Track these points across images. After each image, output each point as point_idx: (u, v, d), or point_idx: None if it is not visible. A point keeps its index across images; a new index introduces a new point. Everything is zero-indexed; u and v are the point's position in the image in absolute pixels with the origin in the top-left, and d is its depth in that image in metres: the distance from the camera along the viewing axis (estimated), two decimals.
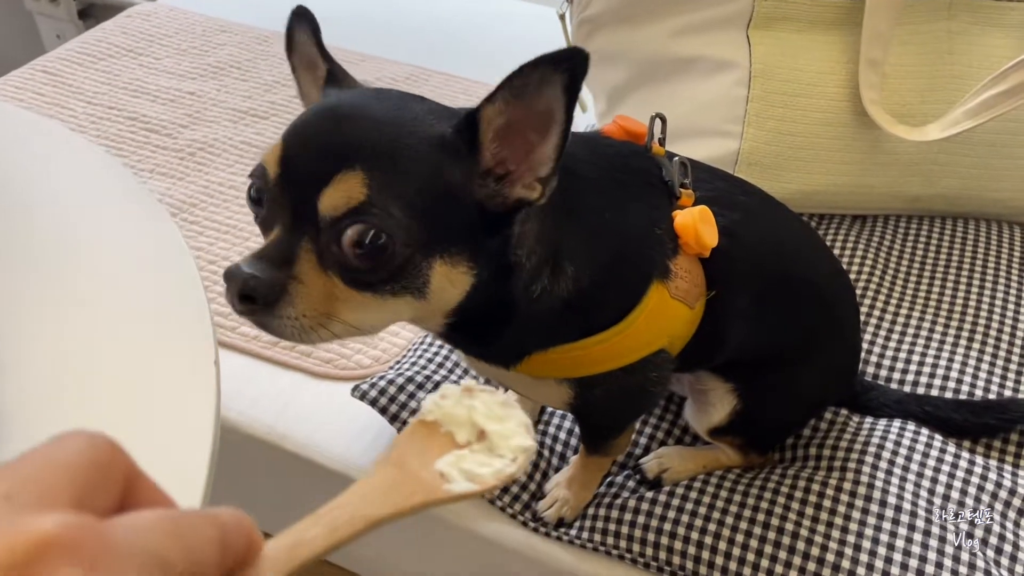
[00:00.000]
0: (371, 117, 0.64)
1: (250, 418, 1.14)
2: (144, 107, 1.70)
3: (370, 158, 0.61)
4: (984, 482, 0.99)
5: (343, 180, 0.60)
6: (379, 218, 0.60)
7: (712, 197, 0.85)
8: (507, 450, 0.42)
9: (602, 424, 0.94)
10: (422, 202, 0.62)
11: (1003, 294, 1.24)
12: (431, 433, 0.42)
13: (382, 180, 0.61)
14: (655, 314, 0.80)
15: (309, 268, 0.61)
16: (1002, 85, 1.13)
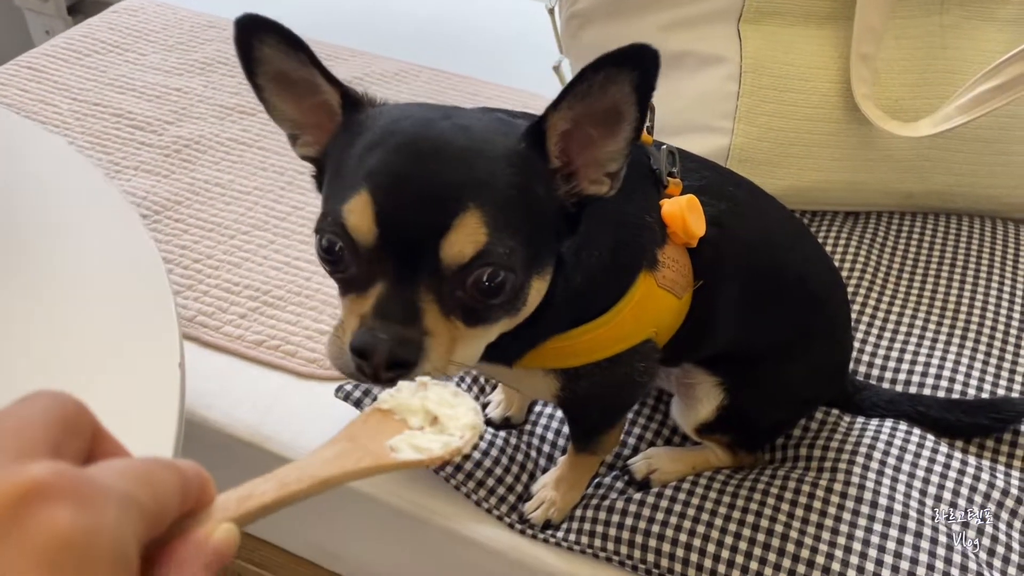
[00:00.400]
0: (456, 147, 0.61)
1: (234, 419, 1.13)
2: (130, 103, 1.68)
3: (478, 194, 0.59)
4: (976, 482, 0.98)
5: (463, 225, 0.58)
6: (504, 257, 0.60)
7: (701, 187, 0.84)
8: (456, 430, 0.44)
9: (590, 417, 0.92)
10: (526, 225, 0.62)
11: (996, 292, 1.23)
12: (385, 418, 0.44)
13: (494, 215, 0.59)
14: (642, 304, 0.79)
15: (435, 318, 0.60)
16: (994, 80, 1.12)
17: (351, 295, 0.62)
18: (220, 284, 1.30)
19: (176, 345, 0.64)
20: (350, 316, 0.61)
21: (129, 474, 0.30)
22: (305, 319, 1.25)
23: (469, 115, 0.66)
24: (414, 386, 0.46)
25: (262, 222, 1.42)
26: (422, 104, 0.68)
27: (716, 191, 0.86)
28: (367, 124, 0.64)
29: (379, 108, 0.67)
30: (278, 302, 1.28)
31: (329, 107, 0.67)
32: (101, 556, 0.27)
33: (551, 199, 0.65)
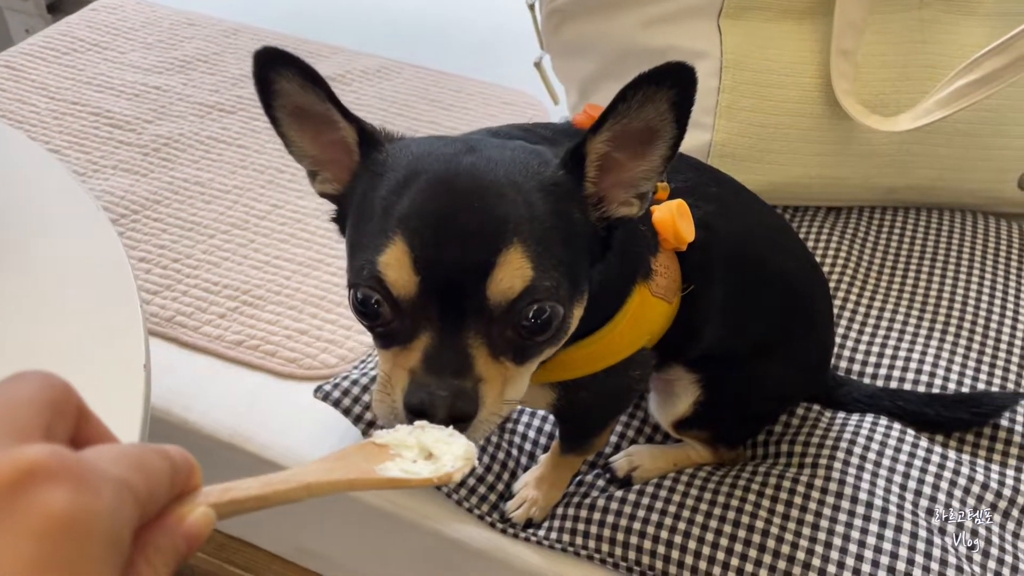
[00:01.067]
0: (489, 181, 0.59)
1: (212, 420, 1.12)
2: (108, 102, 1.66)
3: (519, 228, 0.57)
4: (956, 477, 0.98)
5: (508, 262, 0.56)
6: (551, 291, 0.58)
7: (687, 188, 0.84)
8: (450, 460, 0.45)
9: (584, 423, 0.92)
10: (567, 255, 0.61)
11: (977, 286, 1.23)
12: (380, 450, 0.45)
13: (537, 248, 0.57)
14: (638, 315, 0.78)
15: (486, 363, 0.58)
16: (974, 74, 1.12)
17: (394, 348, 0.60)
18: (199, 284, 1.29)
19: (142, 347, 0.63)
20: (397, 370, 0.59)
21: (123, 460, 0.31)
22: (285, 319, 1.24)
23: (493, 146, 0.64)
24: (410, 428, 0.47)
25: (242, 221, 1.41)
26: (441, 138, 0.66)
27: (701, 192, 0.86)
28: (389, 163, 0.62)
29: (398, 144, 0.65)
30: (258, 301, 1.27)
31: (347, 144, 0.65)
32: (96, 536, 0.27)
33: (586, 225, 0.64)
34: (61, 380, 0.32)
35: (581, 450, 0.96)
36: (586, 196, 0.64)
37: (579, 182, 0.63)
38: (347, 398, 1.03)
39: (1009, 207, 1.38)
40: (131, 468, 0.31)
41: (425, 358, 0.57)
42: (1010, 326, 1.17)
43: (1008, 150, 1.30)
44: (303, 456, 1.08)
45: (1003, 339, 1.15)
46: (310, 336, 1.22)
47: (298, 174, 1.51)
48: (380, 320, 0.60)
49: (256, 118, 1.64)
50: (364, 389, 1.04)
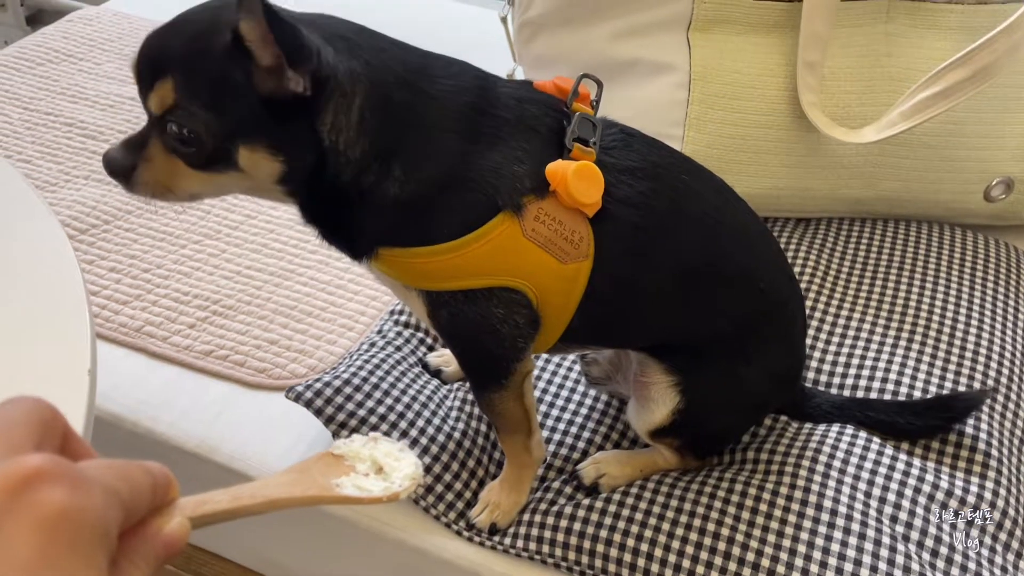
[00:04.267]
0: (184, 32, 0.78)
1: (180, 430, 1.11)
2: (82, 112, 1.66)
3: (178, 68, 0.76)
4: (921, 484, 0.99)
5: (159, 88, 0.76)
6: (186, 116, 0.76)
7: (630, 168, 0.86)
8: (398, 479, 0.50)
9: (467, 360, 0.94)
10: (217, 100, 0.76)
11: (943, 295, 1.24)
12: (336, 461, 0.50)
13: (186, 85, 0.75)
14: (499, 246, 0.81)
15: (157, 151, 0.79)
16: (936, 87, 1.14)
17: None
18: (169, 294, 1.29)
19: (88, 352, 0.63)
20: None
21: (111, 470, 0.35)
22: (255, 328, 1.24)
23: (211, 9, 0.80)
24: (366, 439, 0.52)
25: (214, 231, 1.40)
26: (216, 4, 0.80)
27: (651, 173, 0.88)
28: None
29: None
30: (228, 311, 1.26)
31: None
32: (90, 530, 0.32)
33: (251, 88, 0.75)
34: (47, 403, 0.37)
35: (498, 421, 0.97)
36: (260, 64, 0.75)
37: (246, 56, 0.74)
38: (319, 399, 1.03)
39: (977, 219, 1.39)
40: (118, 477, 0.35)
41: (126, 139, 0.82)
42: (975, 333, 1.18)
43: (972, 162, 1.32)
44: (271, 465, 1.07)
45: (968, 346, 1.16)
46: (280, 346, 1.22)
47: None
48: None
49: None
50: (337, 391, 1.04)
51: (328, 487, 0.48)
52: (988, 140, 1.31)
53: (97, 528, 0.32)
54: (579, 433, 1.09)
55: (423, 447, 1.02)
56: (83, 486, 0.32)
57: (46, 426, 0.36)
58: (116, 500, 0.34)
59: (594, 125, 0.86)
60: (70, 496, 0.31)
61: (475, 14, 2.02)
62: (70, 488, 0.32)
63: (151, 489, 0.37)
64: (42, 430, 0.36)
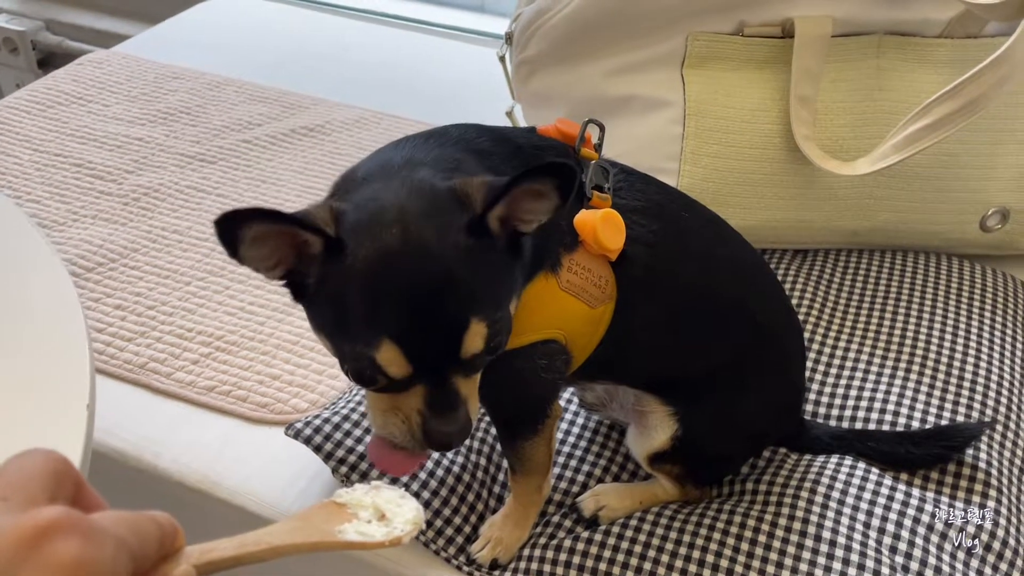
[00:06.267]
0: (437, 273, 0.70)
1: (182, 465, 1.12)
2: (91, 153, 1.69)
3: (471, 305, 0.71)
4: (920, 514, 0.99)
5: (472, 335, 0.71)
6: (500, 330, 0.73)
7: (639, 207, 0.88)
8: (400, 524, 0.51)
9: (506, 412, 0.94)
10: (500, 291, 0.74)
11: (940, 325, 1.25)
12: (339, 509, 0.52)
13: (485, 309, 0.71)
14: (539, 302, 0.82)
15: (465, 387, 0.74)
16: (926, 119, 1.15)
17: (389, 393, 0.74)
18: (173, 330, 1.30)
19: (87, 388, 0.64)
20: (405, 408, 0.74)
21: (122, 523, 0.37)
22: (258, 364, 1.25)
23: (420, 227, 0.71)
24: (367, 488, 0.53)
25: (218, 268, 1.42)
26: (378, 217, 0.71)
27: (655, 212, 0.90)
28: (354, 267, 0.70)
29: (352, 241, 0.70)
30: (231, 347, 1.28)
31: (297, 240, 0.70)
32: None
33: (500, 252, 0.74)
34: (60, 456, 0.38)
35: (523, 466, 0.96)
36: (495, 239, 0.73)
37: (489, 236, 0.72)
38: (319, 435, 1.04)
39: (974, 248, 1.40)
40: (128, 529, 0.37)
41: (428, 403, 0.73)
42: (973, 363, 1.18)
43: (966, 192, 1.33)
44: (272, 501, 1.08)
45: (967, 376, 1.17)
46: (282, 381, 1.23)
47: None
48: (376, 385, 0.74)
49: (236, 168, 1.67)
50: (336, 427, 1.05)
51: (331, 533, 0.49)
52: (981, 171, 1.33)
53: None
54: (578, 466, 1.09)
55: (422, 482, 1.03)
56: (96, 537, 0.34)
57: (59, 478, 0.38)
58: (126, 550, 0.36)
59: (605, 170, 0.88)
60: (84, 547, 0.33)
61: (476, 53, 2.07)
62: (84, 540, 0.33)
63: (159, 539, 0.39)
64: (56, 482, 0.37)
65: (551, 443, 0.97)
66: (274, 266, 0.71)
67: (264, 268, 0.71)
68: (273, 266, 0.71)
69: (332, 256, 0.70)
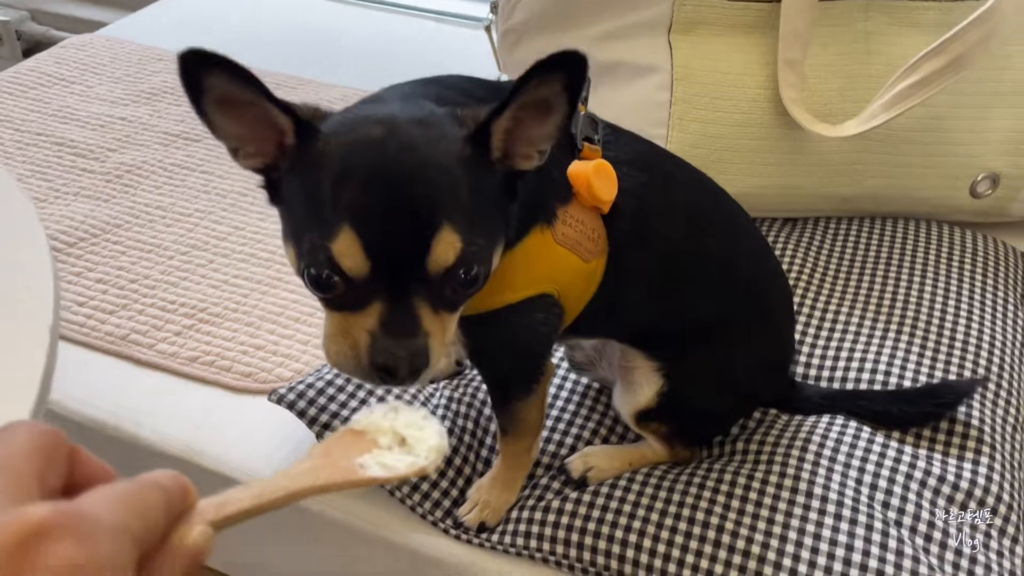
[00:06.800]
0: (417, 168, 0.66)
1: (164, 435, 1.10)
2: (73, 132, 1.67)
3: (446, 209, 0.65)
4: (912, 470, 0.97)
5: (441, 240, 0.65)
6: (477, 253, 0.67)
7: (627, 159, 0.87)
8: (423, 451, 0.48)
9: (502, 371, 0.91)
10: (484, 216, 0.69)
11: (931, 288, 1.24)
12: (357, 438, 0.48)
13: (461, 221, 0.66)
14: (535, 256, 0.80)
15: (429, 319, 0.68)
16: (914, 76, 1.14)
17: (345, 312, 0.68)
18: (156, 303, 1.28)
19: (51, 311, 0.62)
20: (356, 329, 0.67)
21: (118, 504, 0.33)
22: (242, 335, 1.23)
23: (409, 130, 0.68)
24: (386, 408, 0.50)
25: (202, 242, 1.41)
26: (366, 119, 0.69)
27: (642, 164, 0.88)
28: (326, 153, 0.66)
29: (331, 131, 0.68)
30: (215, 319, 1.26)
31: (272, 123, 0.67)
32: None
33: (495, 184, 0.71)
34: (48, 428, 0.35)
35: (515, 426, 0.95)
36: (493, 161, 0.70)
37: (486, 152, 0.70)
38: (302, 400, 1.02)
39: (965, 215, 1.39)
40: (126, 511, 0.34)
41: (381, 322, 0.66)
42: (964, 323, 1.17)
43: (954, 157, 1.32)
44: (257, 469, 1.06)
45: (958, 336, 1.16)
46: (266, 351, 1.21)
47: (259, 198, 1.51)
48: (333, 292, 0.67)
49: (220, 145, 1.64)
50: (320, 392, 1.03)
51: (352, 469, 0.46)
52: (971, 135, 1.32)
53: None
54: (567, 429, 1.08)
55: None
56: (90, 534, 0.31)
57: (48, 452, 0.34)
58: (127, 538, 0.33)
59: (594, 122, 0.87)
60: (76, 549, 0.30)
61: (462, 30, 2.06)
62: (76, 540, 0.31)
63: (165, 507, 0.36)
64: (45, 459, 0.34)
65: (544, 402, 0.96)
66: (253, 154, 0.69)
67: (240, 151, 0.69)
68: (252, 154, 0.69)
69: (305, 145, 0.67)
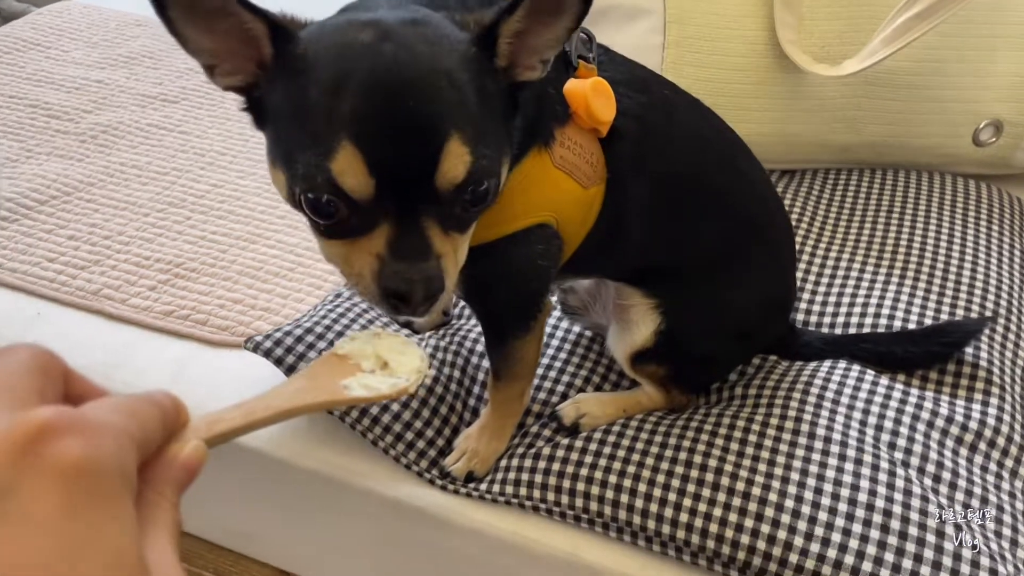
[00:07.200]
0: (418, 76, 0.59)
1: (133, 388, 1.04)
2: (47, 95, 1.62)
3: (453, 119, 0.59)
4: (919, 411, 0.93)
5: (450, 152, 0.59)
6: (487, 166, 0.61)
7: (624, 80, 0.82)
8: (404, 373, 0.50)
9: (498, 307, 0.86)
10: (492, 126, 0.63)
11: (935, 234, 1.20)
12: (341, 361, 0.50)
13: (470, 131, 0.60)
14: (533, 181, 0.75)
15: (441, 240, 0.62)
16: (915, 8, 1.10)
17: (350, 238, 0.63)
18: (130, 259, 1.23)
19: None
20: (362, 255, 0.62)
21: (119, 410, 0.35)
22: (219, 289, 1.18)
23: (404, 27, 0.62)
24: (368, 334, 0.52)
25: (179, 200, 1.35)
26: (349, 21, 0.64)
27: (640, 85, 0.83)
28: (310, 59, 0.61)
29: (311, 34, 0.63)
30: (191, 274, 1.21)
31: (252, 37, 0.62)
32: (107, 472, 0.32)
33: (499, 92, 0.65)
34: (43, 349, 0.36)
35: (509, 369, 0.90)
36: (496, 68, 0.65)
37: (491, 56, 0.64)
38: (279, 348, 0.97)
39: (967, 166, 1.35)
40: (126, 416, 0.35)
41: (389, 245, 0.61)
42: (970, 267, 1.13)
43: (958, 103, 1.28)
44: None
45: (963, 279, 1.11)
46: (244, 305, 1.16)
47: (239, 155, 1.46)
48: (335, 218, 0.61)
49: (200, 107, 1.60)
50: (298, 340, 0.98)
51: (337, 390, 0.48)
52: (974, 79, 1.28)
53: (114, 473, 0.32)
54: (558, 377, 1.03)
55: None
56: (94, 433, 0.32)
57: (46, 372, 0.35)
58: (128, 440, 0.34)
59: (588, 39, 0.82)
60: (83, 446, 0.31)
61: None
62: (81, 438, 0.32)
63: (161, 420, 0.37)
64: (43, 377, 0.35)
65: (541, 340, 0.91)
66: (230, 71, 0.63)
67: (216, 68, 0.63)
68: (229, 71, 0.63)
69: (285, 54, 0.61)
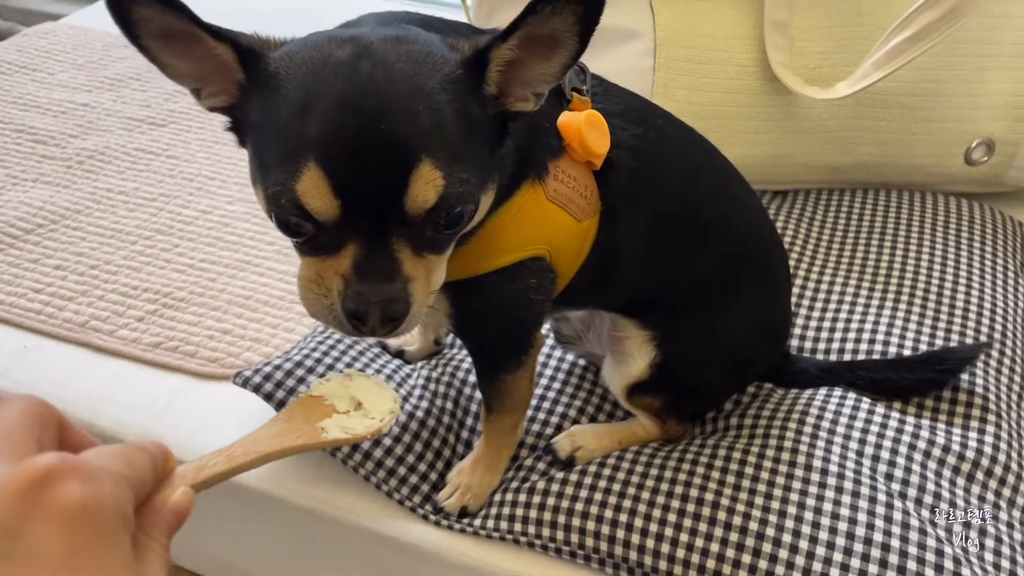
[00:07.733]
0: (394, 95, 0.58)
1: (121, 423, 1.03)
2: (33, 119, 1.60)
3: (426, 143, 0.58)
4: (916, 440, 0.92)
5: (420, 177, 0.58)
6: (461, 192, 0.60)
7: (619, 111, 0.81)
8: (378, 414, 0.53)
9: (489, 343, 0.85)
10: (471, 152, 0.62)
11: (928, 256, 1.19)
12: (316, 402, 0.53)
13: (444, 156, 0.59)
14: (528, 214, 0.75)
15: (411, 263, 0.61)
16: (907, 31, 1.09)
17: (320, 256, 0.62)
18: (117, 288, 1.22)
19: None
20: (329, 273, 0.61)
21: (115, 457, 0.37)
22: (208, 319, 1.17)
23: (386, 44, 0.61)
24: (342, 376, 0.55)
25: (167, 227, 1.34)
26: (328, 37, 0.63)
27: (635, 116, 0.83)
28: (282, 77, 0.60)
29: (284, 53, 0.62)
30: (179, 304, 1.20)
31: (217, 57, 0.62)
32: (108, 514, 0.34)
33: (485, 119, 0.64)
34: (39, 400, 0.38)
35: (502, 403, 0.89)
36: (486, 94, 0.64)
37: (480, 82, 0.63)
38: (269, 383, 0.96)
39: (959, 185, 1.35)
40: (122, 463, 0.37)
41: (355, 265, 0.60)
42: (964, 291, 1.12)
43: (950, 123, 1.28)
44: None
45: (958, 303, 1.11)
46: (233, 335, 1.15)
47: (228, 180, 1.45)
48: (303, 236, 0.61)
49: (188, 130, 1.59)
50: (288, 374, 0.97)
51: (314, 432, 0.50)
52: (966, 99, 1.27)
53: (114, 513, 0.34)
54: (552, 408, 1.02)
55: None
56: (94, 477, 0.34)
57: (42, 421, 0.38)
58: (125, 484, 0.36)
59: (581, 72, 0.82)
60: (85, 489, 0.33)
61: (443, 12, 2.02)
62: (83, 481, 0.34)
63: (152, 467, 0.40)
64: (40, 427, 0.37)
65: (533, 374, 0.90)
66: (216, 92, 0.64)
67: (202, 91, 0.64)
68: (215, 92, 0.64)
69: (256, 74, 0.61)
